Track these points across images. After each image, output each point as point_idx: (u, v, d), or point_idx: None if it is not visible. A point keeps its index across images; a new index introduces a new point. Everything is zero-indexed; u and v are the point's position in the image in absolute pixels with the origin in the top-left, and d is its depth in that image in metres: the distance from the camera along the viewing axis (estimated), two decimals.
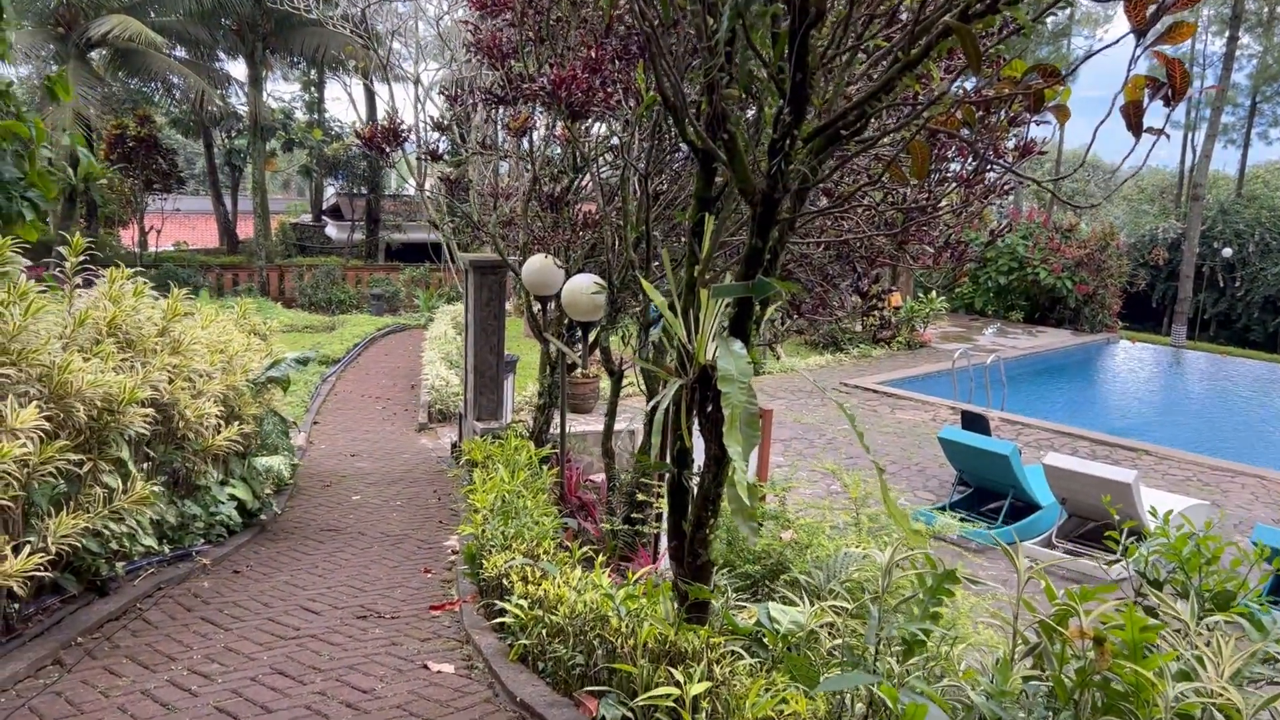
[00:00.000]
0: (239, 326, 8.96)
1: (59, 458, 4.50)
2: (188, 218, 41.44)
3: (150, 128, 28.66)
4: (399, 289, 28.45)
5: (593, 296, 7.00)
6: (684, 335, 3.50)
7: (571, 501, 8.18)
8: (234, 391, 7.37)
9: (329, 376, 17.23)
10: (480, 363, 10.45)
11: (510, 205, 10.18)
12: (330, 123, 37.05)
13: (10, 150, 5.93)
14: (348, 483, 10.24)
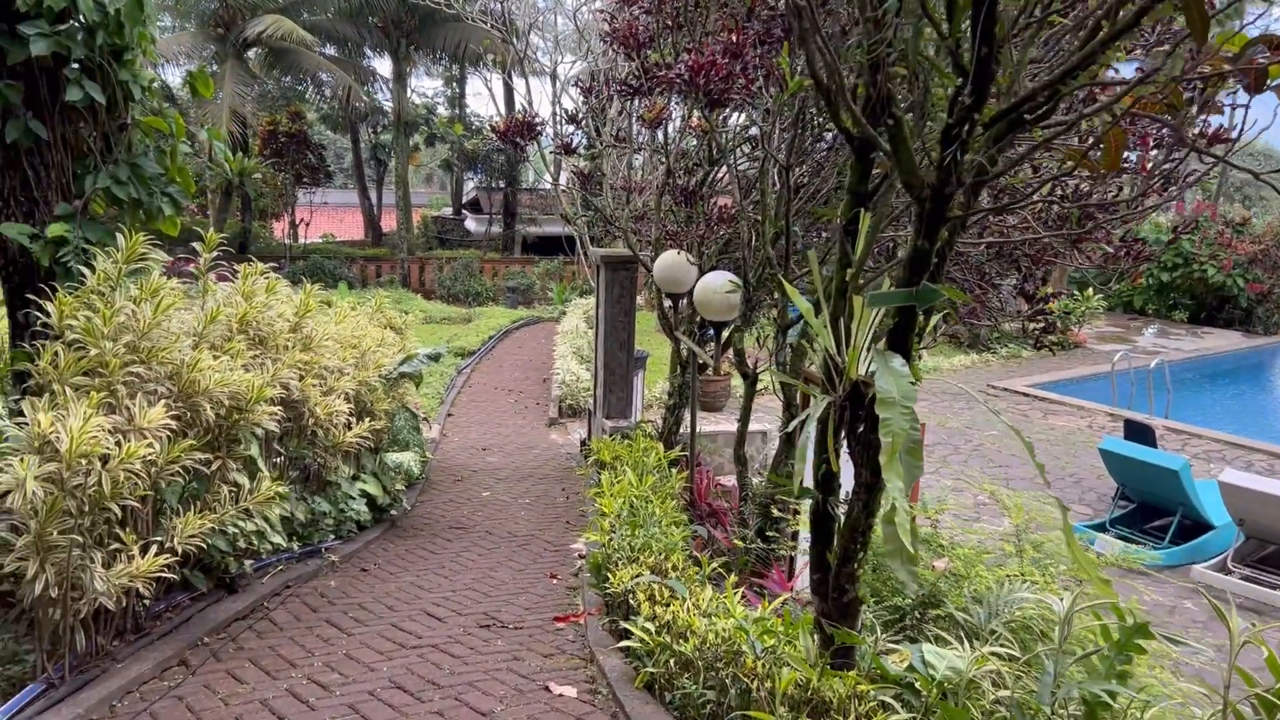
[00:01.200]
0: (373, 321, 8.98)
1: (186, 457, 4.45)
2: (335, 211, 43.04)
3: (301, 124, 29.76)
4: (533, 282, 28.71)
5: (726, 295, 6.66)
6: (832, 346, 3.12)
7: (701, 508, 7.87)
8: (366, 387, 7.34)
9: (464, 368, 17.40)
10: (610, 360, 10.24)
11: (643, 200, 9.92)
12: (470, 118, 37.74)
13: (152, 146, 5.99)
14: (478, 478, 10.20)
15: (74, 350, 4.26)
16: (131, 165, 5.75)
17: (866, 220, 2.99)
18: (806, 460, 3.12)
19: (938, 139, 2.58)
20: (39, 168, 5.61)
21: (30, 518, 3.75)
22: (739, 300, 6.67)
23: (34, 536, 3.78)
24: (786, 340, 6.07)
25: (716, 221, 7.07)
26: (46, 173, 5.64)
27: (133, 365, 4.31)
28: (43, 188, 5.65)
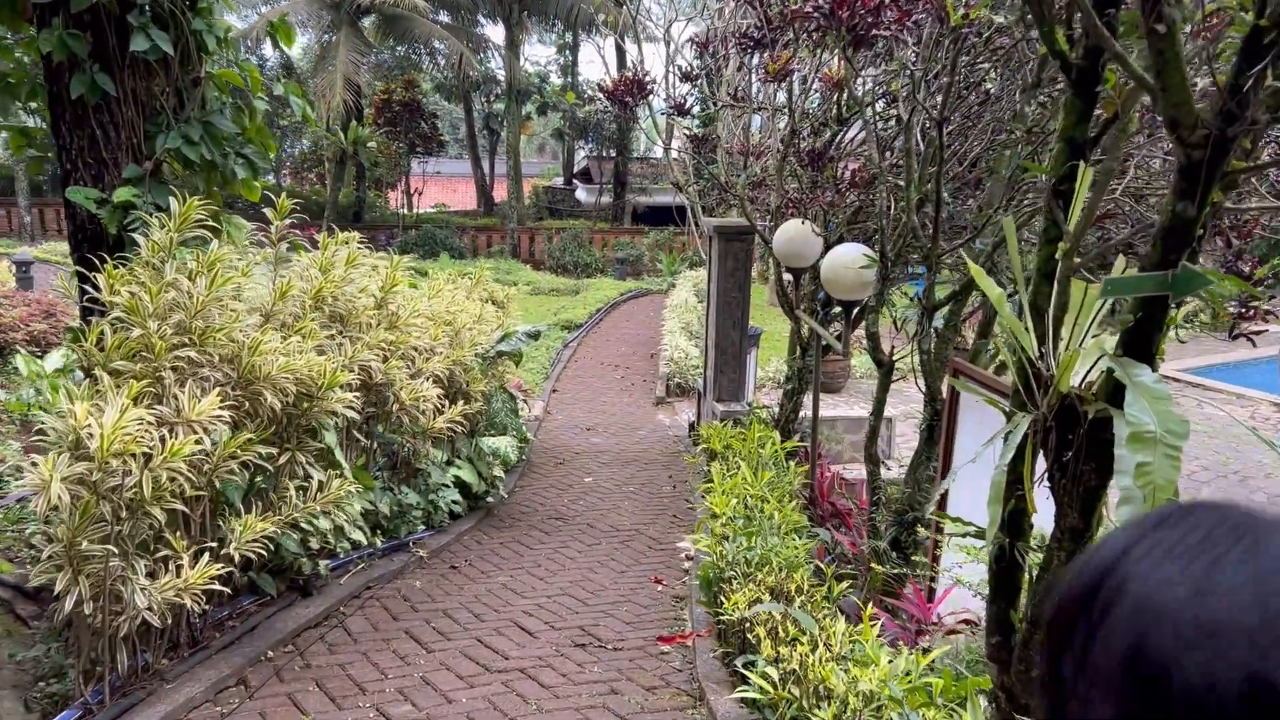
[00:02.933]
0: (473, 295, 8.45)
1: (246, 452, 3.92)
2: (449, 180, 43.22)
3: (414, 92, 29.67)
4: (642, 253, 28.06)
5: (860, 272, 5.83)
6: (1033, 347, 2.32)
7: (823, 507, 7.09)
8: (460, 368, 6.79)
9: (570, 342, 16.90)
10: (721, 338, 9.50)
11: (761, 165, 9.10)
12: (583, 86, 37.15)
13: (230, 103, 5.50)
14: (581, 461, 9.62)
15: (119, 331, 3.76)
16: (204, 124, 5.26)
17: (1087, 177, 2.19)
18: (1000, 500, 2.33)
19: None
20: (108, 126, 5.17)
21: (58, 524, 3.26)
22: (873, 277, 5.84)
23: (64, 545, 3.28)
24: (931, 324, 5.23)
25: (848, 187, 6.24)
26: (116, 132, 5.19)
27: (183, 348, 3.78)
28: (112, 148, 5.20)
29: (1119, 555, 0.66)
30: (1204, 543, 0.63)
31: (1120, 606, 0.62)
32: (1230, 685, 0.55)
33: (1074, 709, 0.64)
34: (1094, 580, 0.65)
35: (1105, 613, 0.63)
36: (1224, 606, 0.58)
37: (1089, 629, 0.64)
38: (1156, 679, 0.59)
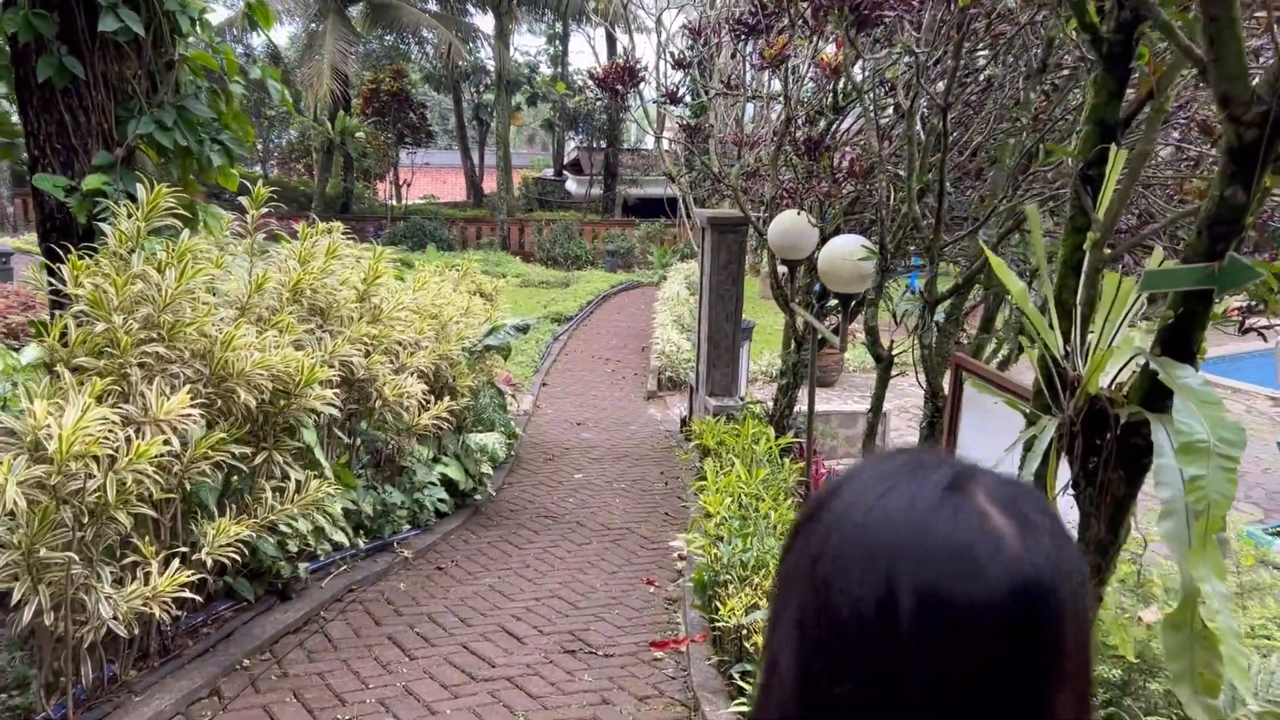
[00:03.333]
0: (460, 287, 8.25)
1: (217, 452, 3.73)
2: (438, 171, 42.90)
3: (402, 82, 29.39)
4: (633, 245, 27.87)
5: (858, 264, 5.66)
6: (1058, 345, 2.15)
7: None
8: (446, 362, 6.60)
9: (560, 335, 16.70)
10: (714, 331, 9.32)
11: (754, 155, 8.92)
12: (573, 76, 36.92)
13: (205, 88, 5.29)
14: (571, 456, 9.44)
15: (83, 325, 3.57)
16: (178, 109, 5.05)
17: (1119, 161, 2.02)
18: None
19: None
20: (77, 111, 4.95)
21: (15, 530, 3.06)
22: (872, 269, 5.66)
23: (21, 553, 3.09)
24: (933, 318, 5.06)
25: (846, 176, 6.07)
26: (85, 117, 4.98)
27: (151, 343, 3.58)
28: (81, 134, 4.99)
29: (841, 481, 0.76)
30: (892, 475, 0.72)
31: (820, 521, 0.72)
32: (871, 590, 0.66)
33: (776, 606, 0.75)
34: (818, 498, 0.75)
35: (812, 525, 0.74)
36: (882, 526, 0.68)
37: (799, 537, 0.75)
38: (828, 582, 0.68)
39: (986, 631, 0.65)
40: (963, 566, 0.65)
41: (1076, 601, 0.68)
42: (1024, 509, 0.70)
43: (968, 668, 0.65)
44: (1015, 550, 0.67)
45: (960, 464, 0.74)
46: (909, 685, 0.65)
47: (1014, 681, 0.66)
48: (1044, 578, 0.67)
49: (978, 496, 0.70)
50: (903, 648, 0.65)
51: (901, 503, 0.69)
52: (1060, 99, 4.74)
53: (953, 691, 0.65)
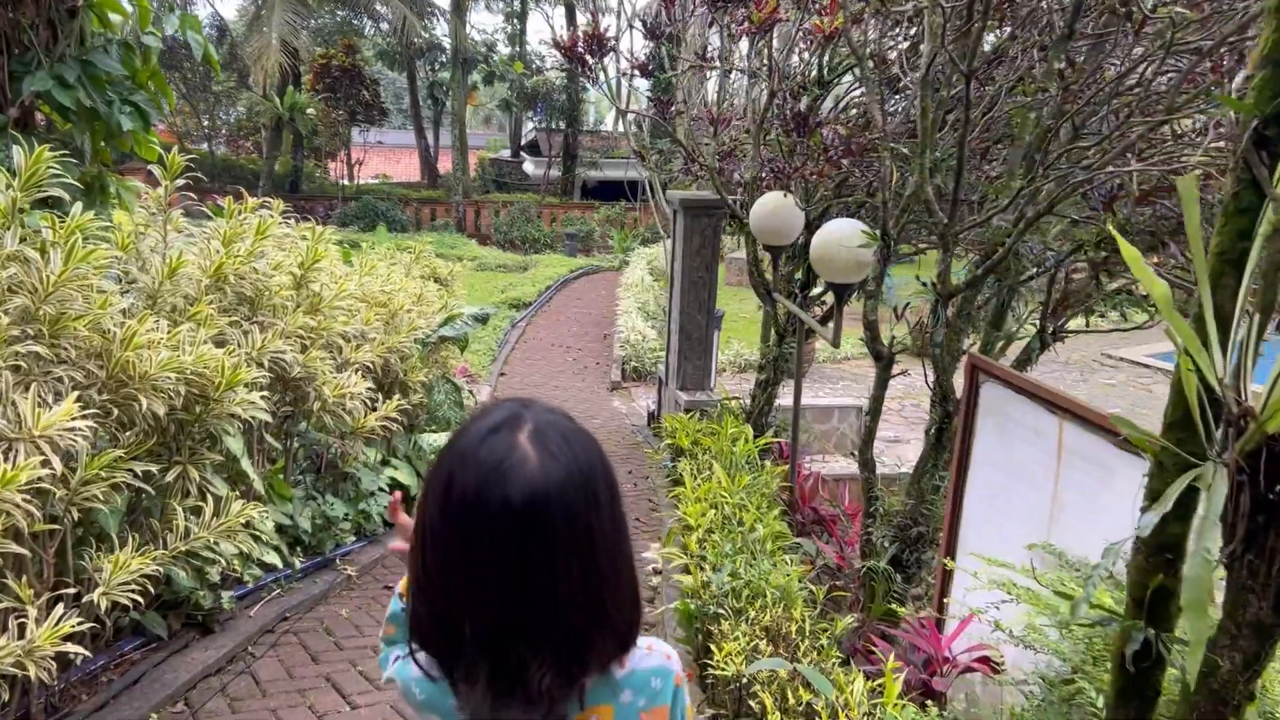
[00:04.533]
0: (413, 272, 7.59)
1: (115, 472, 3.07)
2: (392, 151, 41.89)
3: (354, 58, 28.33)
4: (593, 229, 27.20)
5: (855, 251, 5.11)
6: (1216, 365, 1.61)
7: (804, 513, 6.40)
8: (396, 356, 5.95)
9: (519, 322, 16.03)
10: (687, 322, 8.75)
11: (730, 134, 8.34)
12: (531, 56, 36.05)
13: (116, 41, 4.58)
14: None
15: None
16: (83, 63, 4.34)
17: None
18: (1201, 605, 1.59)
19: None
20: None
21: None
22: (870, 257, 5.12)
23: None
24: (945, 313, 4.52)
25: (841, 154, 5.51)
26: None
27: (25, 341, 2.92)
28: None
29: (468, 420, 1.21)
30: (479, 417, 1.18)
31: (449, 449, 1.16)
32: (469, 488, 1.10)
33: (419, 517, 1.17)
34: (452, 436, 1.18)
35: (443, 454, 1.17)
36: (458, 449, 1.14)
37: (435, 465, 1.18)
38: (448, 487, 1.13)
39: (511, 516, 1.09)
40: (496, 477, 1.10)
41: (576, 505, 1.12)
42: (549, 441, 1.15)
43: (502, 540, 1.09)
44: (533, 468, 1.11)
45: (520, 408, 1.19)
46: (478, 553, 1.11)
47: (530, 549, 1.10)
48: (551, 487, 1.10)
49: (518, 433, 1.14)
50: (467, 530, 1.11)
51: (472, 435, 1.15)
52: (1096, 63, 4.21)
53: (496, 555, 1.10)
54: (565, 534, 1.10)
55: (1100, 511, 3.63)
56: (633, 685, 1.24)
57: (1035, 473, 4.09)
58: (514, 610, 1.11)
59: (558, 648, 1.13)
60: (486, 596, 1.11)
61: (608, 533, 1.15)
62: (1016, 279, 4.66)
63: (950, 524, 4.58)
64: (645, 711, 1.25)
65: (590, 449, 1.20)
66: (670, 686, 1.28)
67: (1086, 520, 3.72)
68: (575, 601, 1.12)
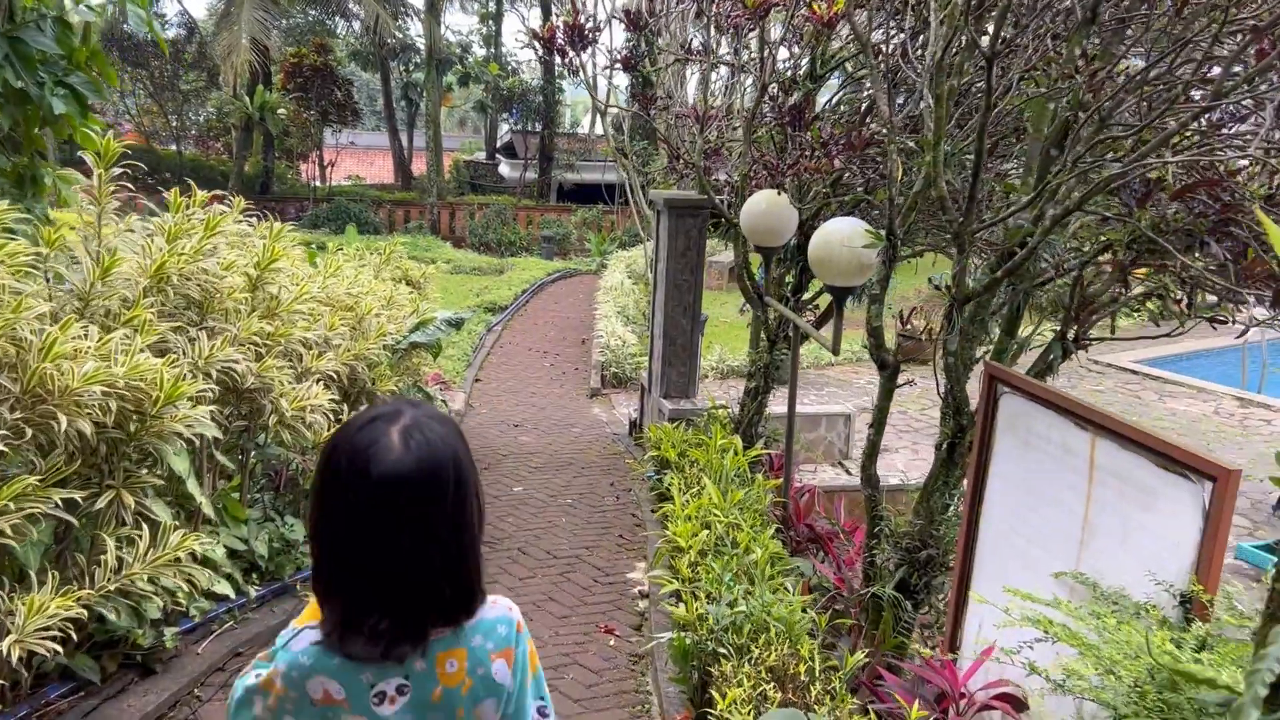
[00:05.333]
0: (384, 274, 7.18)
1: (32, 501, 2.66)
2: (366, 153, 41.37)
3: (326, 57, 27.77)
4: (570, 231, 26.78)
5: (858, 252, 4.77)
6: None
7: (799, 530, 6.04)
8: (363, 364, 5.54)
9: (495, 326, 15.60)
10: (671, 327, 8.38)
11: (716, 130, 7.99)
12: (507, 57, 35.65)
13: (51, 18, 4.15)
14: (508, 465, 8.42)
15: None
16: (11, 40, 3.91)
17: None
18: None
19: None
20: None
21: None
22: (874, 259, 4.78)
23: None
24: (961, 318, 4.17)
25: (843, 148, 5.15)
26: None
27: None
28: None
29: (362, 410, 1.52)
30: (378, 407, 1.46)
31: (340, 430, 1.46)
32: (342, 463, 1.39)
33: (313, 480, 1.48)
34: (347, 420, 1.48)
35: (335, 433, 1.46)
36: (352, 430, 1.41)
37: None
38: (329, 460, 1.41)
39: (368, 491, 1.36)
40: (362, 458, 1.37)
41: (421, 491, 1.39)
42: (411, 438, 1.41)
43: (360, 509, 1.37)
44: (393, 456, 1.38)
45: (404, 407, 1.46)
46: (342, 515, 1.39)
47: (381, 519, 1.37)
48: (403, 473, 1.37)
49: (392, 426, 1.41)
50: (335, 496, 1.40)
51: (357, 422, 1.43)
52: (1126, 49, 3.88)
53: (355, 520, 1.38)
54: (410, 512, 1.39)
55: (1140, 538, 3.28)
56: (481, 631, 1.52)
57: (1063, 493, 3.75)
58: (366, 565, 1.39)
59: (397, 599, 1.40)
60: (346, 551, 1.40)
61: (450, 518, 1.42)
62: (1033, 282, 4.32)
63: (965, 548, 4.23)
64: (494, 652, 1.53)
65: (446, 450, 1.43)
66: (514, 632, 1.58)
67: (1124, 548, 3.38)
68: (414, 566, 1.39)
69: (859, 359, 13.91)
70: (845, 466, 9.76)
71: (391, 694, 1.45)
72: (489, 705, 1.54)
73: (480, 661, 1.51)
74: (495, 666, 1.53)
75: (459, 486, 1.43)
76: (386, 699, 1.45)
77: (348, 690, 1.43)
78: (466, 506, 1.45)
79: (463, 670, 1.50)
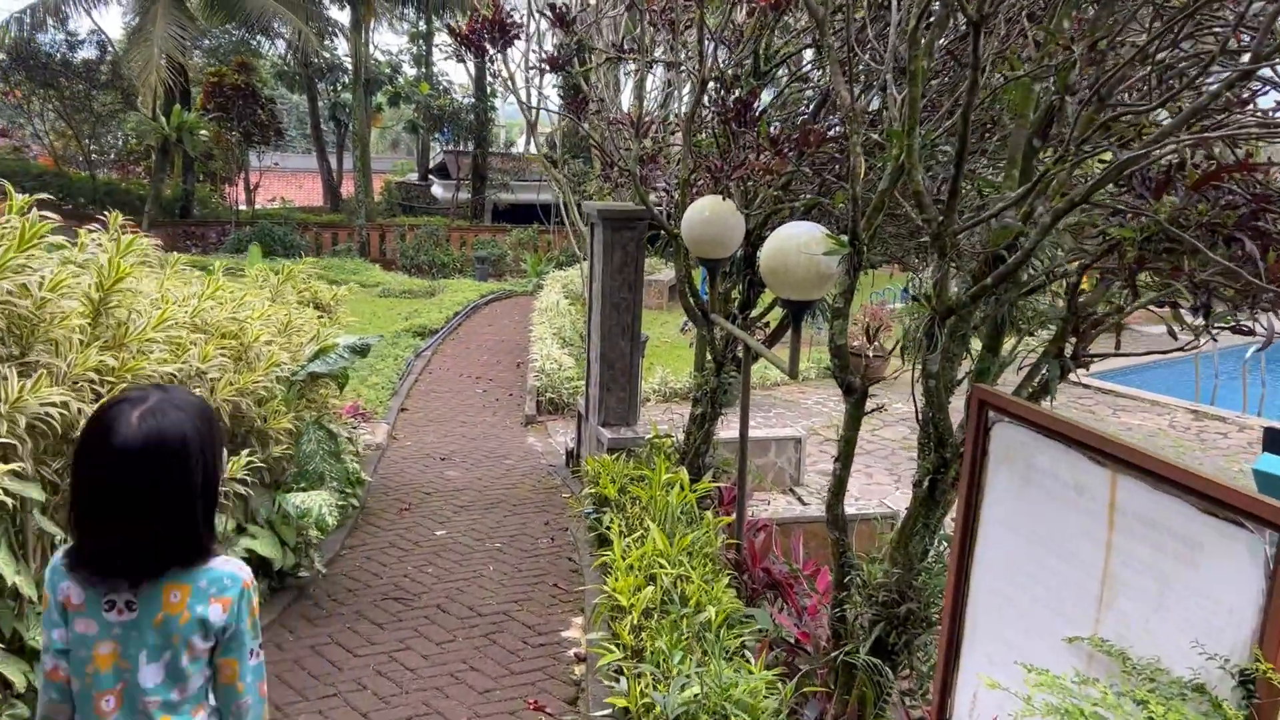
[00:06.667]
0: (281, 296, 6.40)
1: None
2: (295, 175, 40.37)
3: (249, 76, 26.73)
4: (505, 252, 26.01)
5: (818, 260, 4.16)
6: None
7: (755, 575, 5.38)
8: (249, 400, 4.78)
9: (424, 351, 14.78)
10: (608, 349, 7.71)
11: (651, 137, 7.37)
12: (439, 77, 34.89)
13: None
14: (432, 504, 7.65)
15: None
16: None
17: None
18: None
19: None
20: None
21: None
22: (836, 268, 4.16)
23: None
24: (943, 335, 3.56)
25: (797, 145, 4.53)
26: None
27: None
28: None
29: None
30: (131, 391, 1.86)
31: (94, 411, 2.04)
32: (90, 433, 1.83)
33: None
34: None
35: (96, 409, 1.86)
36: (104, 408, 1.82)
37: None
38: (84, 430, 1.84)
39: (104, 458, 1.75)
40: (102, 429, 1.75)
41: (143, 464, 1.75)
42: (146, 420, 1.76)
43: (100, 473, 1.77)
44: (127, 432, 1.74)
45: (152, 392, 1.84)
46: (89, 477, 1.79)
47: (117, 481, 1.76)
48: (129, 447, 1.73)
49: (136, 408, 1.77)
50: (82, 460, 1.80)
51: (109, 402, 1.81)
52: (1130, 15, 3.32)
53: (98, 480, 1.78)
54: (137, 479, 1.77)
55: (1180, 600, 2.67)
56: (208, 578, 1.88)
57: (1075, 542, 3.14)
58: (109, 516, 1.79)
59: (133, 542, 1.80)
60: (95, 506, 1.80)
61: (176, 485, 1.80)
62: (1020, 290, 3.74)
63: (953, 604, 3.60)
64: (214, 597, 1.88)
65: (174, 431, 1.79)
66: (239, 588, 1.92)
67: (1159, 611, 2.76)
68: (143, 519, 1.78)
69: (804, 378, 13.39)
70: (798, 494, 9.16)
71: (120, 605, 1.84)
72: (198, 638, 1.88)
73: (201, 600, 1.87)
74: (213, 609, 1.88)
75: (183, 460, 1.79)
76: (115, 608, 1.84)
77: (85, 597, 1.84)
78: (191, 478, 1.81)
79: (184, 603, 1.86)
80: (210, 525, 1.88)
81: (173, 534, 1.81)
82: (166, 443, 1.76)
